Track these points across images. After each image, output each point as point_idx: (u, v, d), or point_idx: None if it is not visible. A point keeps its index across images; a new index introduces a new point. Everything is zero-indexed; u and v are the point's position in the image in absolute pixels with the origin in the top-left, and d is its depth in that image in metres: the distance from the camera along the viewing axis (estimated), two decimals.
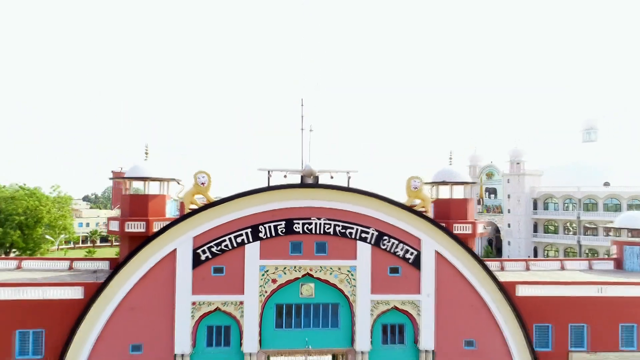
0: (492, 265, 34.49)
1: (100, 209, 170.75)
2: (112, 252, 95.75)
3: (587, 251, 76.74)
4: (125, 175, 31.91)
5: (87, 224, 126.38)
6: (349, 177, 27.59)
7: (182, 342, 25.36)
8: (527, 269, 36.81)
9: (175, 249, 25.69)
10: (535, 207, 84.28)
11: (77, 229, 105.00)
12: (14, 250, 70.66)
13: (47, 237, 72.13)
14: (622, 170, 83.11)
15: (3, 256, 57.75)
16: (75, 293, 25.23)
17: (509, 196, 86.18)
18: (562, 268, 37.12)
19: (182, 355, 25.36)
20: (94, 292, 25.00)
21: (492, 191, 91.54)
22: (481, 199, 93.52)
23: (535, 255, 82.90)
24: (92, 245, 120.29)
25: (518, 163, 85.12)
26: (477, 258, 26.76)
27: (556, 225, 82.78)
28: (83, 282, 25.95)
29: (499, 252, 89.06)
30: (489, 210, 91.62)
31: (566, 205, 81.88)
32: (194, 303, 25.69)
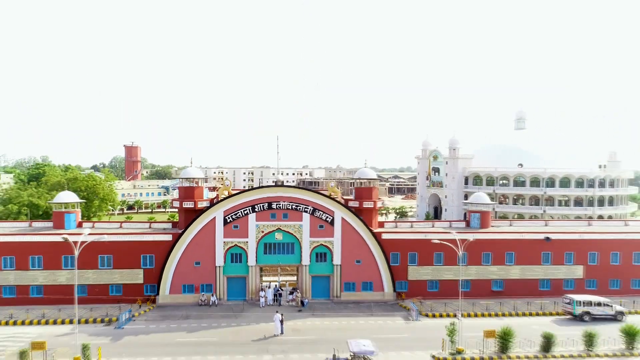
0: (391, 224, 61.86)
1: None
2: (144, 217, 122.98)
3: (499, 215, 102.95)
4: (180, 177, 58.81)
5: None
6: (298, 180, 54.53)
7: (219, 260, 52.83)
8: (411, 226, 64.11)
9: (215, 216, 52.79)
10: (466, 183, 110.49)
11: None
12: None
13: (110, 207, 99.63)
14: (540, 153, 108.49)
15: (112, 220, 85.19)
16: (168, 237, 52.76)
17: (446, 174, 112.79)
18: (433, 226, 64.41)
19: (220, 267, 52.88)
20: (177, 237, 52.39)
21: (437, 170, 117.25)
22: (429, 176, 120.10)
23: (465, 218, 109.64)
24: (121, 212, 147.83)
25: (454, 149, 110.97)
26: (362, 220, 53.86)
27: None
28: (171, 232, 53.41)
29: (442, 216, 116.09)
30: (434, 185, 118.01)
31: (488, 181, 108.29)
32: (224, 242, 53.00)
